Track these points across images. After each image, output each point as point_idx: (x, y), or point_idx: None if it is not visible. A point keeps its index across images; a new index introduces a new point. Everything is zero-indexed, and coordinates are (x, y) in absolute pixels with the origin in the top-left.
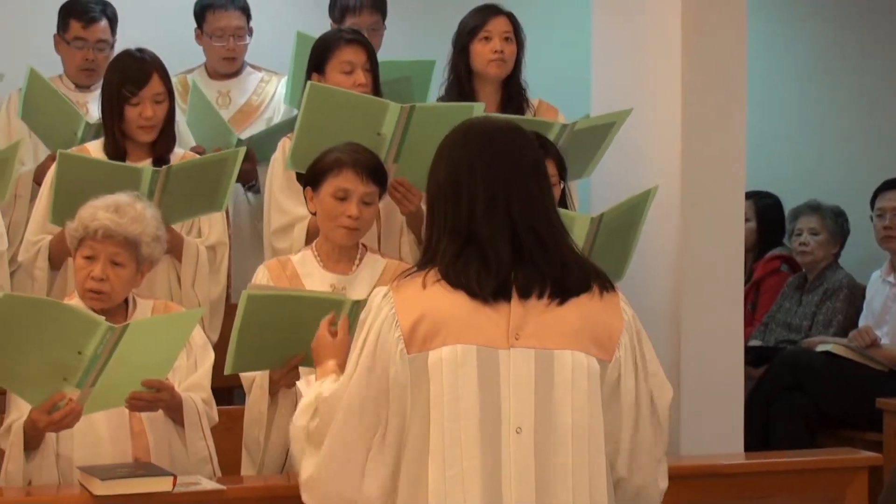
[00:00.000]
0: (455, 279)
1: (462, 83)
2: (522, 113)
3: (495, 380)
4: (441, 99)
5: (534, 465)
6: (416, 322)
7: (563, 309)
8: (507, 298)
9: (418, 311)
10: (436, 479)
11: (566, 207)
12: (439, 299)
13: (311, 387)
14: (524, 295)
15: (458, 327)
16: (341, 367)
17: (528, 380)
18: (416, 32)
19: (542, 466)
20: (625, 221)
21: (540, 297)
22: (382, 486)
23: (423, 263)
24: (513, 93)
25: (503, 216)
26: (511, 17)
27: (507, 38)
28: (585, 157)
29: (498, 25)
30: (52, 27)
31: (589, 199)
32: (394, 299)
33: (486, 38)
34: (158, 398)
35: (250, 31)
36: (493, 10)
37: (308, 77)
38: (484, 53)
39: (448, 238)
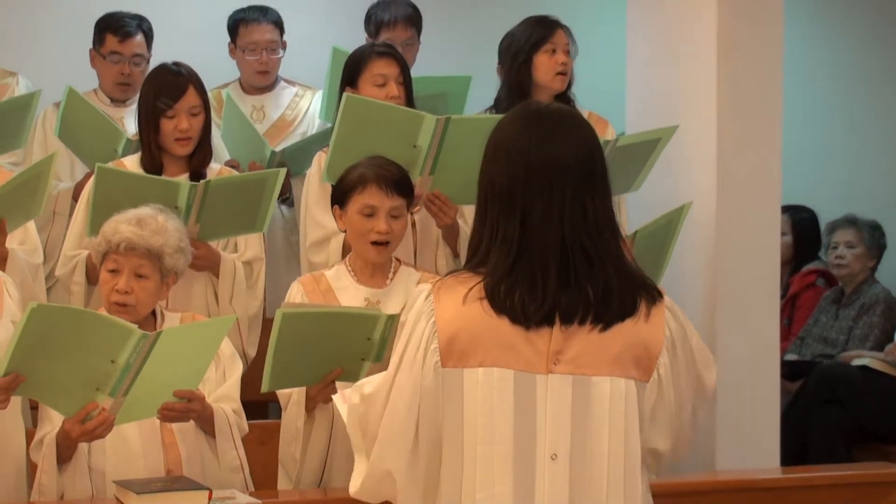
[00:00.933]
0: (500, 304)
1: (525, 94)
2: None
3: (531, 405)
4: (489, 110)
5: (568, 493)
6: (454, 335)
7: (606, 334)
8: (550, 324)
9: (457, 325)
10: (468, 501)
11: None
12: (479, 316)
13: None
14: (567, 321)
15: (496, 349)
16: None
17: (564, 406)
18: (453, 48)
19: (576, 494)
20: (658, 237)
21: (582, 323)
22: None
23: (472, 266)
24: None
25: (555, 230)
26: (568, 31)
27: (567, 52)
28: (631, 172)
29: (561, 38)
30: (88, 42)
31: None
32: (434, 305)
33: (552, 51)
34: (190, 408)
35: (283, 46)
36: (555, 24)
37: (342, 91)
38: (549, 66)
39: (499, 250)
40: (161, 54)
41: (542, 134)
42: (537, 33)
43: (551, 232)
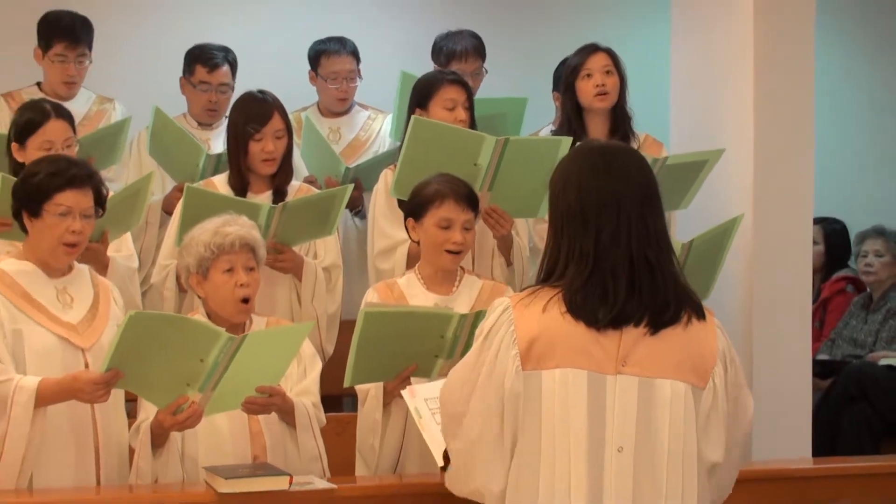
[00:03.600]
0: (577, 311)
1: (570, 119)
2: (628, 141)
3: (601, 403)
4: (554, 134)
5: (632, 482)
6: (533, 341)
7: (660, 338)
8: (616, 326)
9: (535, 331)
10: (545, 489)
11: None
12: (557, 323)
13: None
14: (626, 323)
15: (571, 352)
16: None
17: (630, 405)
18: (512, 72)
19: (639, 483)
20: (712, 246)
21: (637, 325)
22: (502, 484)
23: (549, 280)
24: (619, 121)
25: (624, 247)
26: (610, 52)
27: (607, 72)
28: (680, 190)
29: (596, 62)
30: (177, 71)
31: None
32: (514, 316)
33: (588, 76)
34: (271, 402)
35: (360, 74)
36: (591, 49)
37: (411, 112)
38: (587, 90)
39: (575, 265)
40: (244, 80)
41: (606, 166)
42: (573, 62)
43: (621, 248)
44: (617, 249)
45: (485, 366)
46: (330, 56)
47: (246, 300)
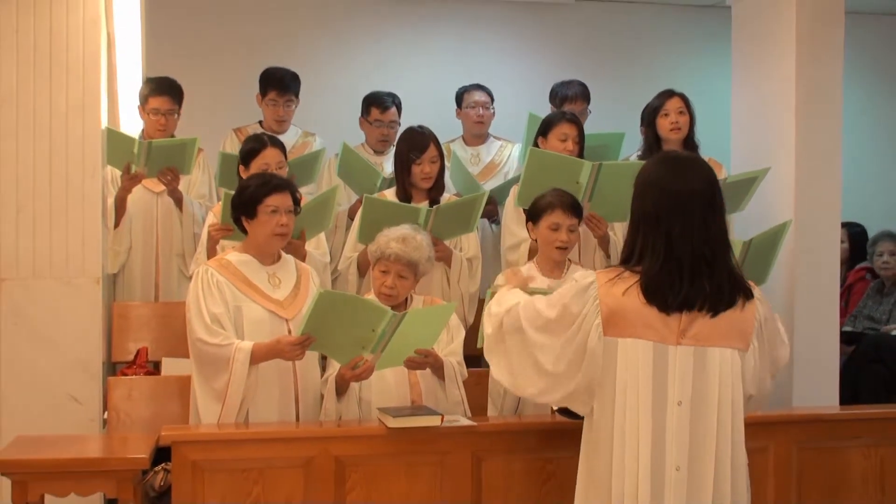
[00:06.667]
0: (651, 297)
1: (651, 147)
2: None
3: (664, 367)
4: (640, 159)
5: (689, 427)
6: (613, 314)
7: (718, 318)
8: (681, 310)
9: (616, 307)
10: (618, 436)
11: None
12: (634, 304)
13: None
14: (690, 308)
15: (642, 327)
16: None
17: (688, 368)
18: (609, 113)
19: (695, 430)
20: (767, 244)
21: (700, 309)
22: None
23: (628, 264)
24: (689, 149)
25: (688, 244)
26: (683, 96)
27: (681, 112)
28: (738, 199)
29: (673, 104)
30: (359, 112)
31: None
32: (598, 292)
33: (665, 115)
34: (426, 361)
35: (493, 110)
36: (669, 94)
37: (536, 141)
38: (665, 125)
39: (650, 257)
40: (408, 117)
41: (676, 173)
42: (654, 103)
43: (686, 245)
44: (682, 247)
45: (573, 325)
46: (470, 91)
47: (388, 296)
